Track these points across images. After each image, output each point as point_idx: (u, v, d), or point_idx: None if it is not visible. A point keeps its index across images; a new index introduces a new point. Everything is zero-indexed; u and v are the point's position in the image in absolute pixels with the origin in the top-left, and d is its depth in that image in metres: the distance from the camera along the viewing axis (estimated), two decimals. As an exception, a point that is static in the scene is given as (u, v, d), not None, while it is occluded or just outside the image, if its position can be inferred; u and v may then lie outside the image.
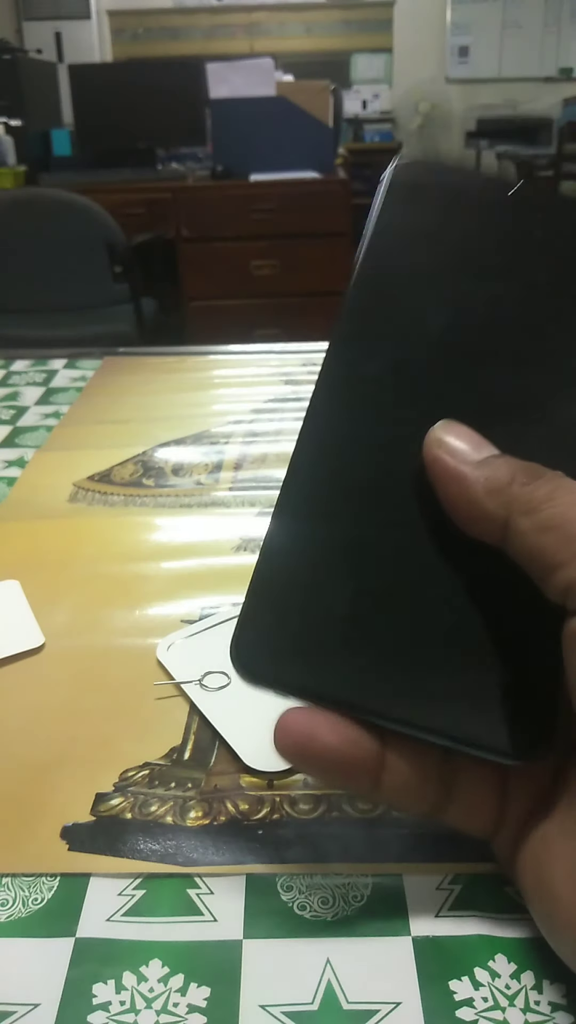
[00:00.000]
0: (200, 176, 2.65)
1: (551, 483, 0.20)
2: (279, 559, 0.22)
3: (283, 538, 0.22)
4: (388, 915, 0.22)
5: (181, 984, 0.20)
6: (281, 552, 0.22)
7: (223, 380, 0.65)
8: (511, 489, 0.20)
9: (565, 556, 0.19)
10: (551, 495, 0.20)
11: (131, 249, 2.04)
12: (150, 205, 2.48)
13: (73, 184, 2.27)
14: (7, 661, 0.32)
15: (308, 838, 0.24)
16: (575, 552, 0.19)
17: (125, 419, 0.57)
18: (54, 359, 0.70)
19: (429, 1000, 0.20)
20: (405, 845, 0.24)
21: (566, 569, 0.19)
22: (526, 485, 0.20)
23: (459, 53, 4.07)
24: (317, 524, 0.22)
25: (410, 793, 0.21)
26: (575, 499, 0.20)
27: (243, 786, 0.26)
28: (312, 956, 0.21)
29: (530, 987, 0.20)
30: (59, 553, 0.40)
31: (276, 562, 0.22)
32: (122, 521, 0.43)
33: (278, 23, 3.91)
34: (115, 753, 0.28)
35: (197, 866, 0.24)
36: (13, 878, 0.23)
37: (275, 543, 0.22)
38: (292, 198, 2.47)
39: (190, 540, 0.41)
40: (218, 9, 3.83)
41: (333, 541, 0.22)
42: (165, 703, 0.30)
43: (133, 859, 0.24)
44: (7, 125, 2.64)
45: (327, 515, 0.22)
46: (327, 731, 0.20)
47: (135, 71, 2.91)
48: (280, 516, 0.22)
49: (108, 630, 0.34)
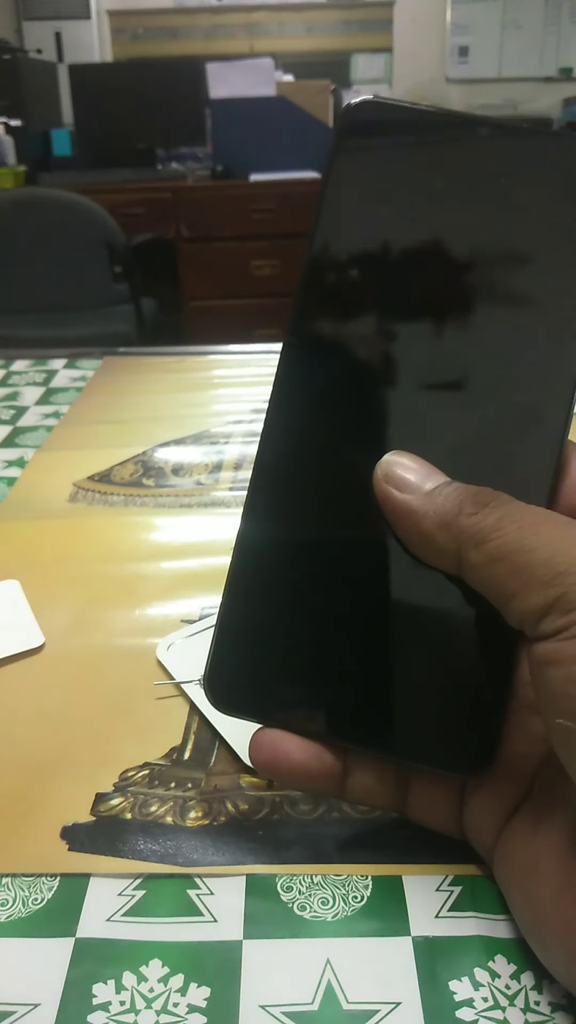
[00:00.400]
0: (200, 176, 2.64)
1: (498, 511, 0.20)
2: (240, 598, 0.23)
3: (244, 575, 0.23)
4: (388, 915, 0.22)
5: (181, 984, 0.20)
6: (243, 591, 0.23)
7: (223, 380, 0.65)
8: (459, 521, 0.20)
9: (515, 586, 0.19)
10: (498, 524, 0.20)
11: (131, 249, 2.04)
12: (150, 205, 2.48)
13: (73, 184, 2.27)
14: (7, 661, 0.32)
15: (308, 838, 0.24)
16: (524, 581, 0.19)
17: (125, 419, 0.57)
18: (54, 359, 0.70)
19: (429, 1000, 0.20)
20: (405, 845, 0.24)
21: (519, 600, 0.19)
22: (473, 515, 0.20)
23: (459, 53, 4.07)
24: (273, 558, 0.23)
25: (372, 794, 0.23)
26: (521, 525, 0.19)
27: (243, 786, 0.26)
28: (312, 956, 0.21)
29: (530, 987, 0.20)
30: (59, 553, 0.40)
31: (238, 601, 0.23)
32: (122, 521, 0.43)
33: (278, 23, 3.91)
34: (115, 753, 0.28)
35: (197, 866, 0.24)
36: (13, 878, 0.23)
37: (237, 581, 0.23)
38: (292, 198, 2.47)
39: (190, 540, 0.41)
40: (218, 9, 3.82)
41: (289, 576, 0.23)
42: (165, 703, 0.30)
43: (133, 859, 0.24)
44: (7, 125, 2.64)
45: (286, 544, 0.23)
46: (294, 748, 0.22)
47: (135, 71, 2.91)
48: (240, 551, 0.23)
49: (108, 630, 0.34)
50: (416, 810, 0.23)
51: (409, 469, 0.22)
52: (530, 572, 0.19)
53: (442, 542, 0.21)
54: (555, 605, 0.18)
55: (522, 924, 0.21)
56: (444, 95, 4.10)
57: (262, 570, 0.23)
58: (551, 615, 0.18)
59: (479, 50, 4.12)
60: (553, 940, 0.19)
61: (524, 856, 0.20)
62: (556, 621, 0.18)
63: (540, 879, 0.20)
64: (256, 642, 0.23)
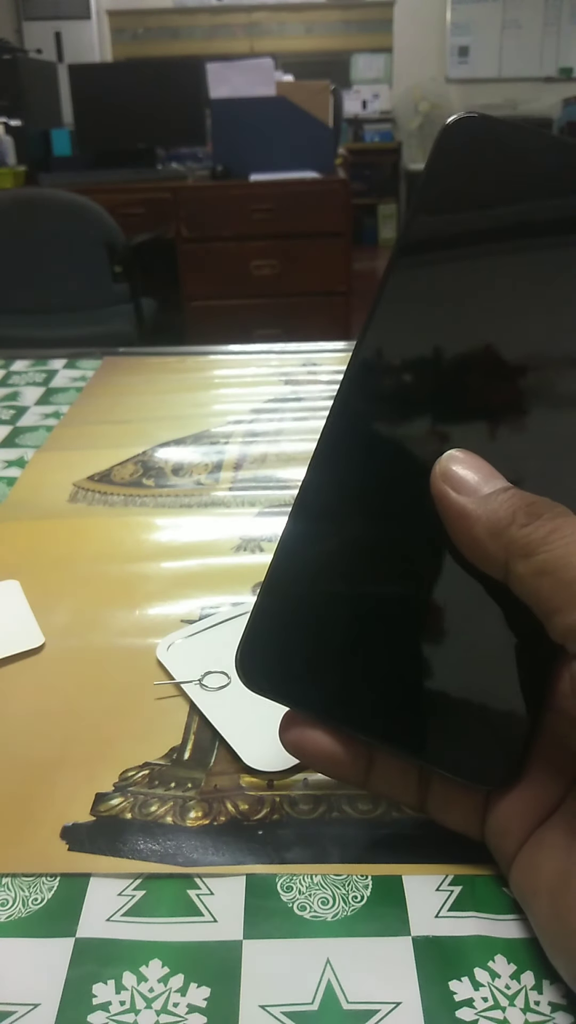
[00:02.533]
0: (200, 176, 2.64)
1: (550, 523, 0.20)
2: (287, 578, 0.23)
3: (293, 556, 0.23)
4: (388, 915, 0.22)
5: (181, 984, 0.20)
6: (290, 571, 0.23)
7: (223, 380, 0.65)
8: (510, 531, 0.20)
9: (559, 602, 0.19)
10: (547, 538, 0.20)
11: (131, 249, 2.04)
12: (150, 205, 2.48)
13: (73, 184, 2.27)
14: (7, 661, 0.32)
15: (308, 838, 0.24)
16: (569, 598, 0.19)
17: (125, 419, 0.57)
18: (54, 359, 0.70)
19: (429, 1000, 0.20)
20: (405, 845, 0.24)
21: (562, 615, 0.19)
22: (524, 527, 0.20)
23: (459, 53, 4.07)
24: (324, 545, 0.23)
25: (393, 789, 0.23)
26: (570, 541, 0.19)
27: (243, 786, 0.26)
28: (312, 956, 0.21)
29: (530, 987, 0.20)
30: (59, 553, 0.40)
31: (284, 580, 0.23)
32: (122, 521, 0.43)
33: (278, 23, 3.91)
34: (115, 753, 0.28)
35: (197, 866, 0.24)
36: (13, 878, 0.23)
37: (285, 560, 0.23)
38: (292, 198, 2.47)
39: (190, 540, 0.41)
40: (218, 9, 3.83)
41: (338, 565, 0.23)
42: (165, 703, 0.30)
43: (133, 859, 0.24)
44: (7, 125, 2.64)
45: (335, 537, 0.23)
46: (322, 731, 0.22)
47: (135, 71, 2.91)
48: (292, 531, 0.23)
49: (108, 630, 0.34)
50: (435, 810, 0.23)
51: (468, 469, 0.22)
52: (575, 589, 0.19)
53: (492, 550, 0.21)
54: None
55: (545, 934, 0.20)
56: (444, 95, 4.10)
57: (306, 556, 0.23)
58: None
59: (479, 50, 4.12)
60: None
61: (555, 868, 0.20)
62: None
63: (572, 893, 0.19)
64: (292, 626, 0.23)
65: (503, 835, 0.22)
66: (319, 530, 0.23)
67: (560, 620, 0.19)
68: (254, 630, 0.23)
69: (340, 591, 0.23)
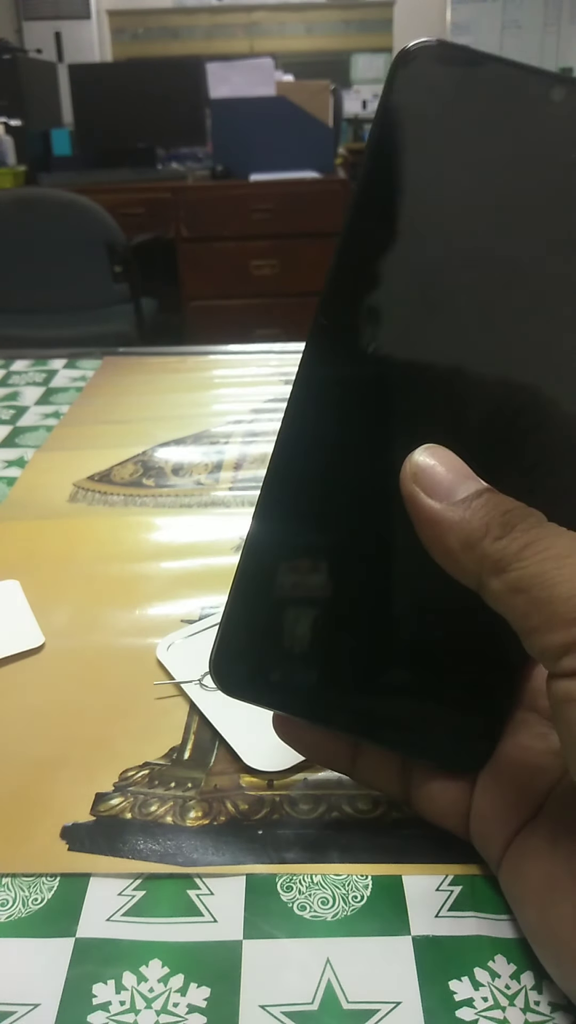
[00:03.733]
0: (200, 176, 2.64)
1: (524, 536, 0.19)
2: (251, 585, 0.23)
3: (256, 562, 0.23)
4: (388, 915, 0.22)
5: (181, 984, 0.20)
6: (254, 577, 0.23)
7: (223, 380, 0.65)
8: (483, 545, 0.19)
9: (536, 622, 0.18)
10: (520, 553, 0.19)
11: (131, 249, 2.04)
12: (150, 205, 2.48)
13: (73, 184, 2.27)
14: (7, 661, 0.32)
15: (308, 838, 0.24)
16: (546, 618, 0.18)
17: (125, 419, 0.57)
18: (54, 359, 0.70)
19: (429, 1000, 0.20)
20: (405, 845, 0.24)
21: (539, 635, 0.18)
22: (498, 540, 0.19)
23: (459, 53, 4.06)
24: (287, 546, 0.23)
25: (378, 777, 0.24)
26: (546, 557, 0.18)
27: (243, 786, 0.26)
28: (312, 956, 0.21)
29: (530, 987, 0.20)
30: (59, 553, 0.40)
31: (253, 583, 0.23)
32: (122, 521, 0.43)
33: (278, 23, 3.91)
34: (115, 753, 0.28)
35: (197, 866, 0.24)
36: (13, 878, 0.23)
37: (249, 568, 0.23)
38: (292, 198, 2.46)
39: (190, 540, 0.41)
40: (218, 9, 3.82)
41: (301, 566, 0.23)
42: (165, 703, 0.30)
43: (133, 859, 0.24)
44: (7, 125, 2.64)
45: (298, 538, 0.23)
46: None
47: (135, 71, 2.91)
48: (257, 533, 0.23)
49: (108, 630, 0.34)
50: (418, 801, 0.24)
51: (441, 469, 0.20)
52: (552, 608, 0.18)
53: (464, 562, 0.20)
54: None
55: (536, 944, 0.20)
56: (444, 95, 4.09)
57: (275, 558, 0.23)
58: (572, 654, 0.18)
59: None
60: (572, 966, 0.19)
61: (540, 873, 0.20)
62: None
63: (560, 906, 0.19)
64: (264, 628, 0.23)
65: (487, 840, 0.22)
66: (284, 530, 0.23)
67: (537, 640, 0.18)
68: (226, 635, 0.23)
69: (308, 591, 0.23)
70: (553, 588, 0.18)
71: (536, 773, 0.22)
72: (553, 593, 0.18)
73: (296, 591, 0.23)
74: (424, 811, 0.24)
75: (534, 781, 0.22)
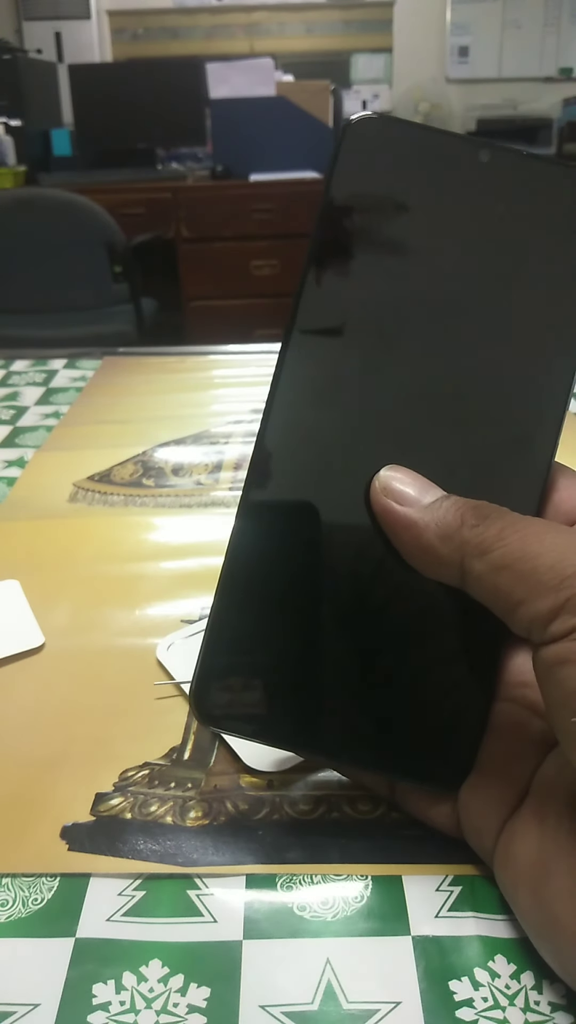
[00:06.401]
0: (200, 176, 2.64)
1: (499, 521, 0.21)
2: (228, 615, 0.23)
3: (231, 593, 0.23)
4: (388, 915, 0.22)
5: (181, 984, 0.20)
6: (230, 607, 0.23)
7: (223, 380, 0.65)
8: (462, 533, 0.21)
9: (522, 593, 0.19)
10: (500, 534, 0.20)
11: (131, 249, 2.04)
12: (150, 205, 2.48)
13: (73, 184, 2.27)
14: (7, 661, 0.32)
15: (308, 838, 0.24)
16: (531, 588, 0.19)
17: (125, 419, 0.57)
18: (54, 359, 0.70)
19: (429, 1000, 0.20)
20: (405, 845, 0.24)
21: (526, 606, 0.19)
22: (476, 527, 0.21)
23: (459, 53, 4.06)
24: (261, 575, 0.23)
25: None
26: (524, 535, 0.20)
27: (243, 786, 0.26)
28: (312, 956, 0.21)
29: (530, 987, 0.20)
30: (59, 553, 0.40)
31: (226, 618, 0.23)
32: (122, 521, 0.43)
33: (278, 23, 3.91)
34: (115, 753, 0.28)
35: (197, 866, 0.24)
36: (13, 878, 0.23)
37: (224, 599, 0.23)
38: (292, 198, 2.46)
39: (190, 540, 0.41)
40: (218, 9, 3.82)
41: (277, 592, 0.23)
42: (165, 703, 0.30)
43: (133, 859, 0.24)
44: (7, 125, 2.64)
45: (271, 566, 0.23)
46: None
47: (135, 71, 2.91)
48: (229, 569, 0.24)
49: (108, 630, 0.34)
50: (403, 801, 0.24)
51: (407, 483, 0.22)
52: (536, 578, 0.19)
53: (444, 553, 0.21)
54: (565, 607, 0.19)
55: (530, 927, 0.21)
56: (444, 95, 4.10)
57: (250, 586, 0.23)
58: (562, 616, 0.19)
59: (479, 50, 4.12)
60: (567, 943, 0.19)
61: (530, 858, 0.20)
62: (568, 622, 0.19)
63: (552, 881, 0.19)
64: (242, 659, 0.23)
65: (479, 833, 0.22)
66: (258, 567, 0.23)
67: (524, 612, 0.19)
68: (205, 668, 0.23)
69: (287, 615, 0.23)
70: (536, 559, 0.19)
71: (518, 760, 0.22)
72: (536, 564, 0.19)
73: (273, 617, 0.23)
74: (411, 809, 0.24)
75: (517, 768, 0.22)
